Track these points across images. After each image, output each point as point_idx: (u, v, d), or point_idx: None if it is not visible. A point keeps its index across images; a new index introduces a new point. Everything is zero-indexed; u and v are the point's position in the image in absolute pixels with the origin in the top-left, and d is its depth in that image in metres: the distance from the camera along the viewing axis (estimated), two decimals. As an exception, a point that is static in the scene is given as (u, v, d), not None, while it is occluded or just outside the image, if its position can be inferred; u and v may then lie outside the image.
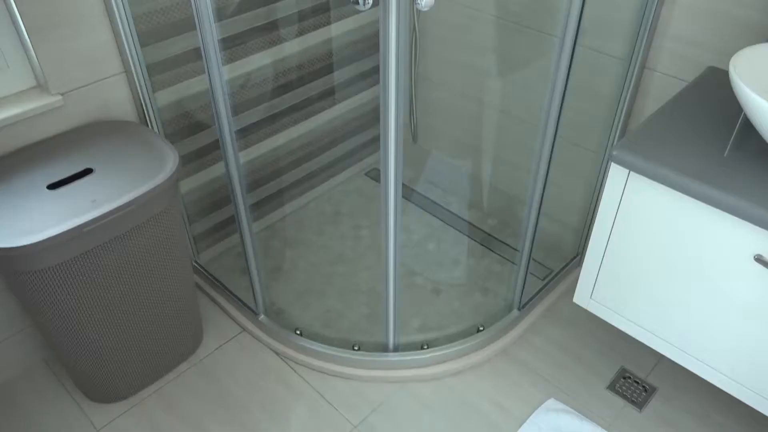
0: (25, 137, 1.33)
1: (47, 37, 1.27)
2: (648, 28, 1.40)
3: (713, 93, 1.27)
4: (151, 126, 1.53)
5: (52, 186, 1.24)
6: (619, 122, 1.58)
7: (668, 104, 1.24)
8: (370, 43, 2.01)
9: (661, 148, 1.12)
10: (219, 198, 1.85)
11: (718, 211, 1.06)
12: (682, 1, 1.36)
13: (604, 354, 1.67)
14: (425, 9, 1.00)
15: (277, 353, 1.67)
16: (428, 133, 2.21)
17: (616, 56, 1.54)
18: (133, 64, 1.42)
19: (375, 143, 2.28)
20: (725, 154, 1.10)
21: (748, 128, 1.18)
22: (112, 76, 1.41)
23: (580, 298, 1.41)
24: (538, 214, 1.50)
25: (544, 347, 1.69)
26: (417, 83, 2.11)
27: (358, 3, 1.00)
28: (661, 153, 1.11)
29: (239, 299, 1.74)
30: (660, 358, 1.66)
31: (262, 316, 1.69)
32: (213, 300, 1.81)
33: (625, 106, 1.55)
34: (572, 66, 1.24)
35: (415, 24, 1.96)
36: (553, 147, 1.36)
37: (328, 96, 1.98)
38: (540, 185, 1.43)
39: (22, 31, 1.25)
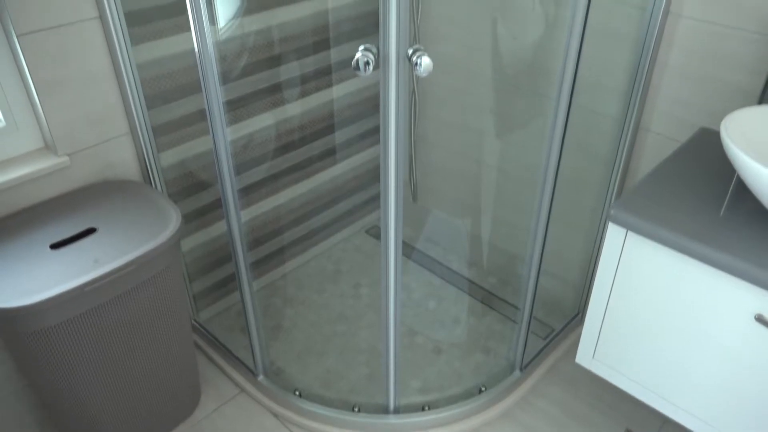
0: (30, 197, 1.35)
1: (56, 99, 1.31)
2: (640, 90, 1.45)
3: (706, 153, 1.30)
4: (155, 185, 1.56)
5: (55, 245, 1.25)
6: (615, 180, 1.61)
7: (663, 164, 1.27)
8: (371, 105, 2.06)
9: (658, 208, 1.13)
10: (219, 256, 1.86)
11: (717, 270, 1.06)
12: (672, 66, 1.41)
13: (608, 415, 1.64)
14: (424, 75, 1.04)
15: (275, 415, 1.63)
16: (428, 192, 2.24)
17: (611, 116, 1.57)
18: (139, 125, 1.45)
19: (375, 201, 2.30)
20: (721, 214, 1.12)
21: (743, 188, 1.19)
22: (118, 136, 1.44)
23: (583, 358, 1.40)
24: (538, 271, 1.50)
25: (547, 409, 1.66)
26: (416, 143, 2.16)
27: (359, 69, 1.03)
28: (658, 213, 1.12)
29: (238, 359, 1.72)
30: (665, 420, 1.62)
31: (261, 377, 1.66)
32: (211, 360, 1.79)
33: (621, 164, 1.58)
34: (568, 126, 1.27)
35: (414, 87, 2.02)
36: (551, 205, 1.37)
37: (330, 155, 2.02)
38: (539, 243, 1.44)
39: (32, 93, 1.29)
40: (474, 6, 1.76)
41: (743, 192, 1.18)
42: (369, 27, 1.89)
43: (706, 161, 1.27)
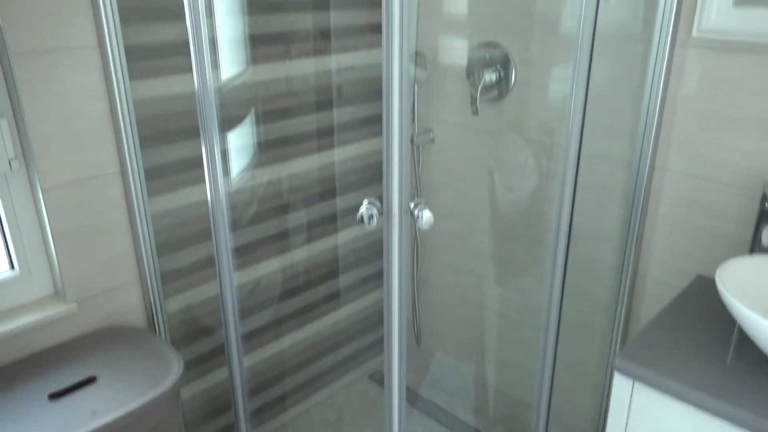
0: (34, 344, 1.35)
1: (71, 248, 1.35)
2: (635, 239, 1.50)
3: (705, 301, 1.32)
4: (159, 332, 1.56)
5: (54, 395, 1.23)
6: (619, 326, 1.61)
7: (664, 312, 1.28)
8: (374, 250, 2.11)
9: (665, 358, 1.13)
10: (219, 404, 1.81)
11: (729, 424, 1.03)
12: (663, 216, 1.47)
13: None
14: (425, 228, 1.09)
15: None
16: (431, 336, 2.22)
17: (609, 264, 1.61)
18: (149, 272, 1.49)
19: (378, 346, 2.28)
20: (727, 363, 1.11)
21: (746, 336, 1.20)
22: (126, 283, 1.47)
23: None
24: (547, 420, 1.45)
25: None
26: (419, 286, 2.18)
27: (363, 222, 1.08)
28: (665, 363, 1.12)
29: None
30: None
31: None
32: None
33: (623, 311, 1.59)
34: (567, 272, 1.30)
35: (416, 232, 2.09)
36: (555, 351, 1.37)
37: (333, 299, 2.04)
38: (546, 389, 1.41)
39: (49, 243, 1.34)
40: (471, 159, 1.87)
41: (747, 340, 1.18)
42: (373, 178, 2.00)
43: (705, 309, 1.29)
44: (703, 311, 1.28)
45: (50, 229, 1.31)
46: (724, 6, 1.25)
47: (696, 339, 1.19)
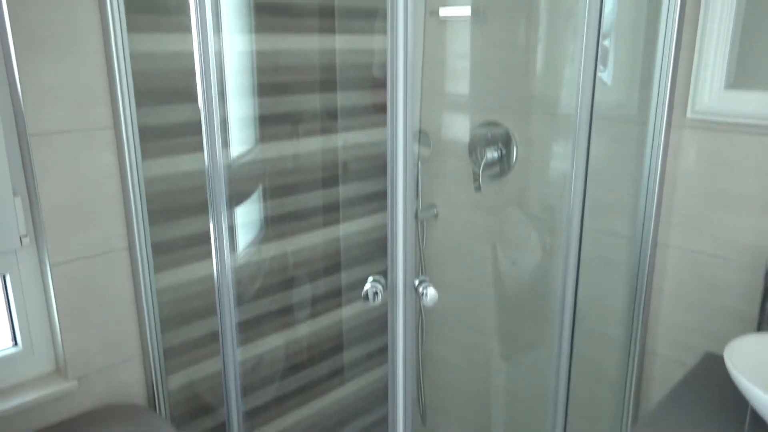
0: (29, 423, 1.33)
1: (76, 325, 1.35)
2: (641, 316, 1.49)
3: (715, 379, 1.29)
4: (159, 410, 1.53)
5: (49, 477, 1.20)
6: (629, 404, 1.57)
7: (675, 390, 1.25)
8: (379, 325, 2.10)
9: (675, 439, 1.10)
10: (217, 486, 1.75)
11: None
12: (668, 292, 1.47)
13: None
14: (430, 305, 1.09)
15: None
16: (437, 413, 2.17)
17: (617, 340, 1.60)
18: (152, 349, 1.48)
19: (383, 424, 2.22)
20: (741, 445, 1.08)
21: (759, 416, 1.17)
22: (128, 360, 1.46)
23: None
24: (558, 508, 1.39)
25: None
26: (424, 362, 2.15)
27: (368, 299, 1.09)
28: (675, 444, 1.09)
29: None
30: None
31: None
32: None
33: (632, 388, 1.55)
34: (574, 348, 1.28)
35: (421, 309, 2.08)
36: (565, 429, 1.33)
37: (337, 375, 2.00)
38: (556, 475, 1.36)
39: (54, 320, 1.34)
40: (475, 234, 1.89)
41: (760, 420, 1.15)
42: (377, 252, 2.01)
43: (716, 387, 1.26)
44: (713, 390, 1.25)
45: (56, 305, 1.32)
46: (716, 89, 1.30)
47: (708, 418, 1.16)
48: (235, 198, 1.62)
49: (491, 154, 1.75)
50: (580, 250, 1.25)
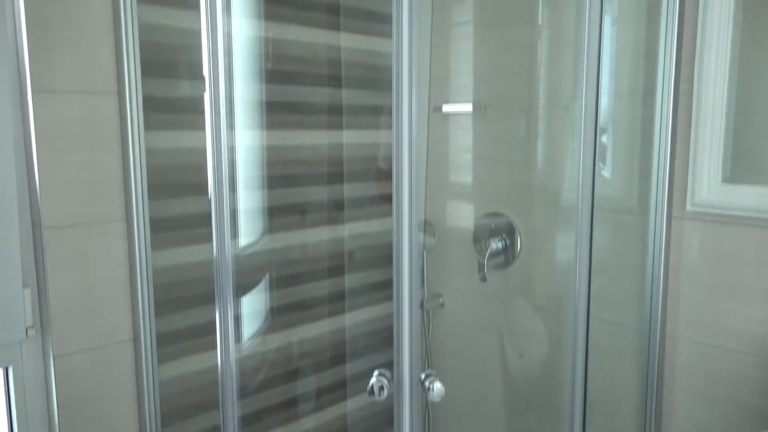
0: None
1: (75, 417, 1.32)
2: (653, 410, 1.45)
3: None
4: None
5: None
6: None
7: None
8: (385, 417, 2.04)
9: None
10: None
11: None
12: (680, 386, 1.44)
13: None
14: (437, 399, 1.07)
15: None
16: None
17: (629, 435, 1.55)
18: (151, 444, 1.44)
19: None
20: None
21: None
22: (127, 456, 1.42)
23: None
24: None
25: None
26: (431, 458, 2.07)
27: (373, 394, 1.07)
28: None
29: None
30: None
31: None
32: None
33: (650, 489, 1.49)
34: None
35: (428, 402, 2.03)
36: None
37: (341, 473, 1.93)
38: None
39: (53, 410, 1.31)
40: (481, 324, 1.87)
41: None
42: (383, 343, 1.99)
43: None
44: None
45: (56, 397, 1.30)
46: (714, 182, 1.33)
47: None
48: (242, 288, 1.63)
49: (495, 244, 1.77)
50: (588, 341, 1.24)
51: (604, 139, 1.53)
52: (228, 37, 1.51)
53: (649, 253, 1.46)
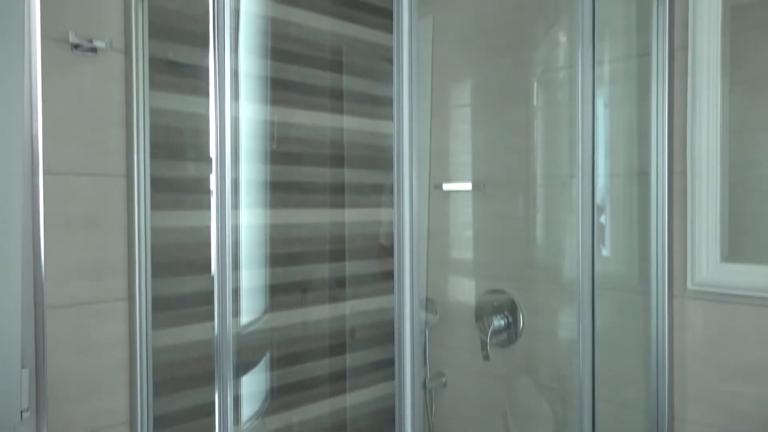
0: None
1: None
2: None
3: None
4: None
5: None
6: None
7: None
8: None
9: None
10: None
11: None
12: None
13: None
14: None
15: None
16: None
17: None
18: None
19: None
20: None
21: None
22: None
23: None
24: None
25: None
26: None
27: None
28: None
29: None
30: None
31: None
32: None
33: None
34: None
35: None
36: None
37: None
38: None
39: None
40: (484, 404, 1.83)
41: None
42: (385, 425, 1.94)
43: None
44: None
45: (49, 485, 1.26)
46: (713, 262, 1.34)
47: None
48: (242, 368, 1.60)
49: (498, 321, 1.76)
50: (594, 423, 1.21)
51: (602, 219, 1.55)
52: (235, 120, 1.56)
53: (652, 332, 1.45)
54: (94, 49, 1.30)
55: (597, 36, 1.22)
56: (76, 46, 1.27)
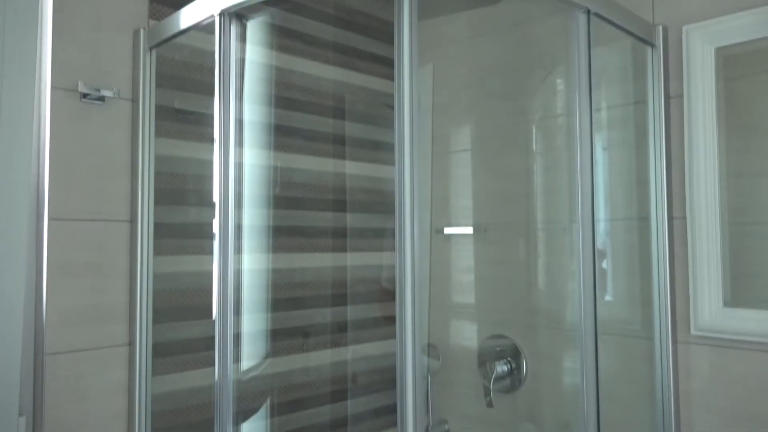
0: None
1: None
2: None
3: None
4: None
5: None
6: None
7: None
8: None
9: None
10: None
11: None
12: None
13: None
14: None
15: None
16: None
17: None
18: None
19: None
20: None
21: None
22: None
23: None
24: None
25: None
26: None
27: None
28: None
29: None
30: None
31: None
32: None
33: None
34: None
35: None
36: None
37: None
38: None
39: None
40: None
41: None
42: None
43: None
44: None
45: None
46: (715, 307, 1.33)
47: None
48: (242, 414, 1.58)
49: (501, 367, 1.74)
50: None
51: (604, 264, 1.55)
52: (239, 166, 1.58)
53: (657, 378, 1.43)
54: (102, 98, 1.33)
55: (594, 84, 1.25)
56: (84, 95, 1.31)
